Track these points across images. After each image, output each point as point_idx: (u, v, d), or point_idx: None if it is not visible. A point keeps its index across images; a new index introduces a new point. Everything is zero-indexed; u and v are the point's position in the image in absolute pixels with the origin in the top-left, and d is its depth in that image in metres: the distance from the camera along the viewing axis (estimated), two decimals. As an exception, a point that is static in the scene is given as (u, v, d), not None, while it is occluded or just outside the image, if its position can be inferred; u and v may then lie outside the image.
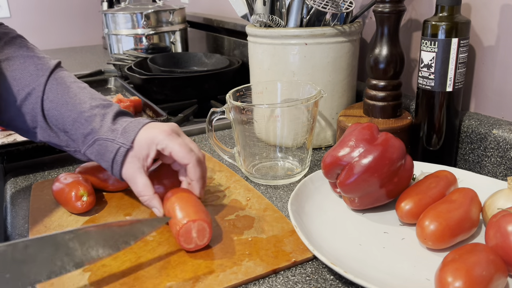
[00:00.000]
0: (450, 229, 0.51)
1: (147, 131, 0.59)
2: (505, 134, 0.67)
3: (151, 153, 0.59)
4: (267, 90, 0.78)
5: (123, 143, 0.59)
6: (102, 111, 0.62)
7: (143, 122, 0.61)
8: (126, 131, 0.60)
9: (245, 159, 0.74)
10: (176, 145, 0.58)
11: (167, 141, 0.58)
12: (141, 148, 0.58)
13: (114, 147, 0.59)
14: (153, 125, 0.60)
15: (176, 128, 0.61)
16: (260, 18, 0.81)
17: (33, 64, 0.65)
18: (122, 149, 0.59)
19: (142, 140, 0.59)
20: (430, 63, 0.68)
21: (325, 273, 0.51)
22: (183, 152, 0.58)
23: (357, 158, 0.57)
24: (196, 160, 0.59)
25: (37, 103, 0.63)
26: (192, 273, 0.51)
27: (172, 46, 1.59)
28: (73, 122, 0.62)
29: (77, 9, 2.64)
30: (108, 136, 0.60)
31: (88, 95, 0.64)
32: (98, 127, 0.61)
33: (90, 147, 0.61)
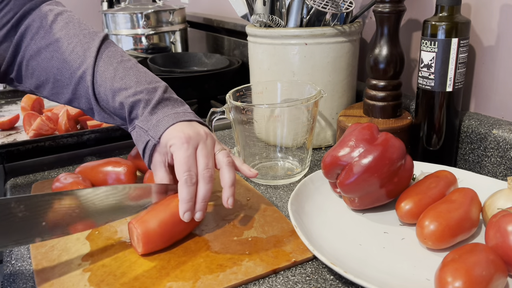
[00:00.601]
0: (450, 229, 0.51)
1: (171, 131, 0.59)
2: (505, 134, 0.67)
3: (168, 153, 0.59)
4: (267, 90, 0.78)
5: (153, 137, 0.60)
6: (146, 97, 0.62)
7: (177, 119, 0.60)
8: (158, 124, 0.60)
9: (245, 159, 0.74)
10: (179, 157, 0.57)
11: (176, 149, 0.57)
12: (162, 145, 0.59)
13: (145, 138, 0.61)
14: (180, 128, 0.59)
15: (200, 137, 0.59)
16: (260, 18, 0.81)
17: (80, 44, 0.64)
18: (150, 142, 0.60)
19: (166, 138, 0.59)
20: (430, 63, 0.68)
21: (325, 273, 0.51)
22: (179, 166, 0.56)
23: (357, 158, 0.57)
24: (184, 181, 0.55)
25: (89, 87, 0.63)
26: (192, 273, 0.51)
27: (172, 46, 1.59)
28: (120, 107, 0.62)
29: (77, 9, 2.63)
30: (144, 126, 0.61)
31: (134, 78, 0.63)
32: (140, 113, 0.62)
33: (133, 130, 0.63)
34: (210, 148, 0.60)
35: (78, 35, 0.65)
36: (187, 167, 0.56)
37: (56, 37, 0.64)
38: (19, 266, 0.55)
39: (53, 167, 0.82)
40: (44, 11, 0.65)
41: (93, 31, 0.67)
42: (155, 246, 0.54)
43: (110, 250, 0.56)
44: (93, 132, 0.88)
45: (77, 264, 0.53)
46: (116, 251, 0.56)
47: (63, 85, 0.65)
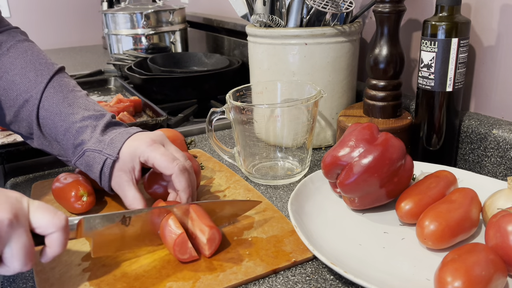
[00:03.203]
0: (450, 229, 0.51)
1: (130, 143, 0.59)
2: (505, 134, 0.67)
3: (136, 166, 0.58)
4: (267, 90, 0.78)
5: (110, 154, 0.58)
6: (94, 123, 0.61)
7: (130, 132, 0.60)
8: (112, 142, 0.59)
9: (245, 159, 0.74)
10: (158, 155, 0.57)
11: (149, 152, 0.57)
12: (126, 161, 0.58)
13: (101, 159, 0.59)
14: (138, 136, 0.59)
15: (161, 137, 0.60)
16: (260, 18, 0.81)
17: (33, 70, 0.65)
18: (108, 160, 0.58)
19: (126, 152, 0.58)
20: (430, 63, 0.68)
21: (325, 273, 0.51)
22: (165, 161, 0.56)
23: (357, 158, 0.57)
24: (180, 169, 0.56)
25: (33, 111, 0.63)
26: (192, 273, 0.51)
27: (172, 46, 1.59)
28: (64, 133, 0.62)
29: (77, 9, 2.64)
30: (96, 147, 0.59)
31: (82, 105, 0.63)
32: (88, 138, 0.60)
33: (80, 158, 0.61)
34: (173, 145, 0.61)
35: (34, 63, 0.65)
36: (171, 157, 0.57)
37: (11, 60, 0.64)
38: (19, 266, 0.55)
39: (53, 167, 0.82)
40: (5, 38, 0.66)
41: (50, 62, 0.68)
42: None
43: (110, 250, 0.56)
44: (93, 132, 0.88)
45: (77, 264, 0.53)
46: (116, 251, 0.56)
47: (6, 106, 0.64)
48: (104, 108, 0.66)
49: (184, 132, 0.95)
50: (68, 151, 0.62)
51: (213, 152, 0.86)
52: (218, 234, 0.53)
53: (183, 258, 0.52)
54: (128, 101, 1.10)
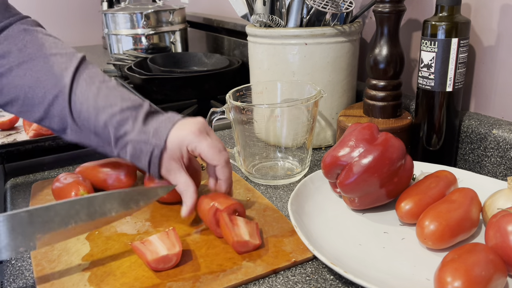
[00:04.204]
0: (450, 229, 0.51)
1: (177, 131, 0.60)
2: (505, 134, 0.67)
3: (184, 154, 0.60)
4: (267, 90, 0.78)
5: (157, 143, 0.59)
6: (134, 113, 0.61)
7: (173, 120, 0.61)
8: (157, 131, 0.60)
9: (245, 159, 0.74)
10: (206, 146, 0.59)
11: (197, 142, 0.59)
12: (175, 150, 0.59)
13: (148, 149, 0.59)
14: (183, 124, 0.60)
15: (205, 127, 0.61)
16: (260, 18, 0.81)
17: (56, 63, 0.63)
18: (156, 150, 0.59)
19: (174, 141, 0.59)
20: (430, 63, 0.68)
21: (325, 273, 0.51)
22: (213, 153, 0.59)
23: (357, 158, 0.57)
24: (225, 161, 0.60)
25: (65, 106, 0.62)
26: (192, 273, 0.51)
27: (172, 46, 1.59)
28: (104, 125, 0.61)
29: (77, 9, 2.64)
30: (141, 138, 0.60)
31: (118, 96, 0.63)
32: (130, 129, 0.60)
33: (123, 149, 0.61)
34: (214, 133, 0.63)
35: (55, 55, 0.64)
36: (218, 148, 0.59)
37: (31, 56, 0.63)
38: (19, 266, 0.55)
39: (53, 167, 0.82)
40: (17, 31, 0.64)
41: (70, 51, 0.66)
42: None
43: (110, 250, 0.56)
44: (93, 132, 0.88)
45: (77, 264, 0.53)
46: (116, 251, 0.56)
47: (34, 103, 0.63)
48: (139, 96, 0.66)
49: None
50: (109, 143, 0.62)
51: (213, 152, 0.86)
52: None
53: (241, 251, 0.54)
54: (128, 101, 1.09)
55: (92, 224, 0.52)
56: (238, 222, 0.56)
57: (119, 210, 0.54)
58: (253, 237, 0.54)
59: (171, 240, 0.53)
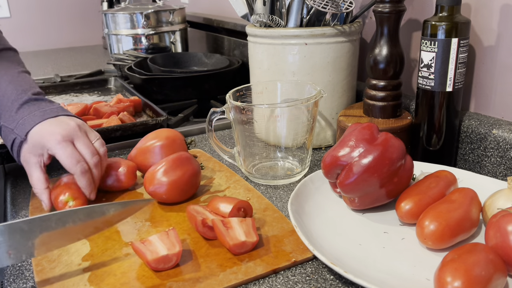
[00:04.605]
0: (450, 229, 0.51)
1: (42, 130, 0.63)
2: (505, 134, 0.67)
3: (45, 154, 0.63)
4: (267, 90, 0.78)
5: (19, 134, 0.63)
6: (13, 97, 0.65)
7: (43, 116, 0.64)
8: (24, 123, 0.63)
9: (245, 159, 0.74)
10: (64, 155, 0.62)
11: (56, 149, 0.62)
12: (35, 147, 0.63)
13: (11, 137, 0.64)
14: (50, 124, 0.63)
15: (72, 132, 0.64)
16: (260, 18, 0.81)
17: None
18: (17, 140, 0.64)
19: (35, 140, 0.63)
20: (430, 63, 0.68)
21: (325, 273, 0.51)
22: (69, 163, 0.62)
23: (357, 158, 0.57)
24: (81, 172, 0.62)
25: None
26: (192, 273, 0.51)
27: (172, 46, 1.59)
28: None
29: (77, 9, 2.63)
30: (9, 124, 0.64)
31: (7, 80, 0.67)
32: (5, 112, 0.65)
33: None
34: (86, 138, 0.65)
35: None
36: (75, 159, 0.62)
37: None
38: (19, 266, 0.55)
39: (53, 167, 0.82)
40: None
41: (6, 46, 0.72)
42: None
43: (110, 250, 0.56)
44: (93, 132, 0.88)
45: (77, 264, 0.53)
46: (116, 251, 0.56)
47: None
48: (34, 85, 0.69)
49: (184, 132, 0.95)
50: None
51: (213, 152, 0.86)
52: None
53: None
54: (128, 101, 1.10)
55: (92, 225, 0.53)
56: (232, 224, 0.55)
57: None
58: (249, 235, 0.54)
59: (171, 240, 0.53)
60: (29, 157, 0.64)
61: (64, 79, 1.51)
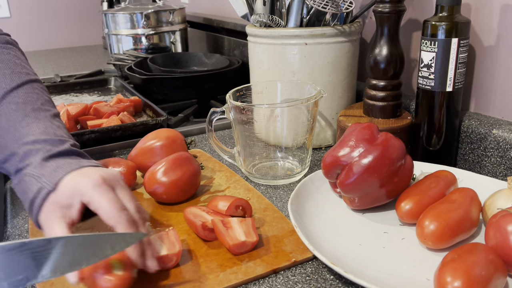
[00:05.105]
0: (450, 229, 0.51)
1: (75, 178, 0.50)
2: (505, 134, 0.67)
3: (75, 204, 0.49)
4: (267, 90, 0.78)
5: (47, 182, 0.50)
6: (48, 147, 0.53)
7: (80, 165, 0.52)
8: (56, 170, 0.50)
9: (245, 159, 0.74)
10: (103, 201, 0.48)
11: (94, 194, 0.48)
12: (64, 195, 0.49)
13: (36, 186, 0.50)
14: (86, 172, 0.50)
15: (112, 179, 0.51)
16: (260, 18, 0.81)
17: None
18: (44, 190, 0.49)
19: (67, 186, 0.49)
20: (430, 63, 0.68)
21: (325, 273, 0.51)
22: (111, 210, 0.47)
23: (357, 158, 0.57)
24: (127, 222, 0.48)
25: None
26: (192, 273, 0.51)
27: (172, 46, 1.59)
28: (11, 154, 0.53)
29: (77, 9, 2.64)
30: (36, 172, 0.51)
31: (42, 127, 0.55)
32: (33, 162, 0.52)
33: (19, 183, 0.52)
34: (127, 188, 0.52)
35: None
36: (119, 206, 0.48)
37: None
38: (19, 266, 0.55)
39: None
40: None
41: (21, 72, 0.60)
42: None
43: (110, 250, 0.56)
44: (93, 132, 0.88)
45: (77, 264, 0.53)
46: (116, 251, 0.55)
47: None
48: (69, 135, 0.58)
49: (184, 132, 0.95)
50: (12, 173, 0.54)
51: (213, 152, 0.86)
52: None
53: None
54: (128, 101, 1.10)
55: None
56: (232, 224, 0.55)
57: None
58: (249, 235, 0.54)
59: (171, 240, 0.53)
60: (53, 209, 0.49)
61: (64, 79, 1.51)
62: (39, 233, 0.60)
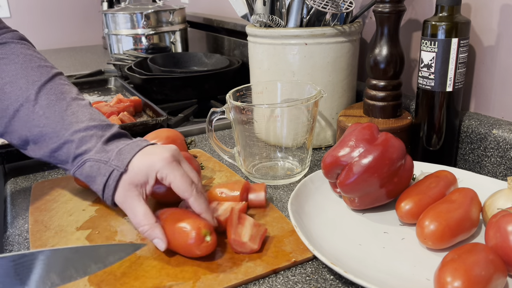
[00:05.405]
0: (450, 229, 0.51)
1: (145, 157, 0.55)
2: (505, 134, 0.67)
3: (150, 181, 0.54)
4: (267, 90, 0.78)
5: (117, 165, 0.54)
6: (100, 133, 0.58)
7: (141, 145, 0.57)
8: (121, 153, 0.55)
9: (245, 159, 0.74)
10: (178, 176, 0.53)
11: (168, 170, 0.53)
12: (139, 174, 0.54)
13: (107, 170, 0.54)
14: (152, 150, 0.56)
15: (177, 154, 0.56)
16: (260, 18, 0.81)
17: (25, 77, 0.60)
18: (115, 172, 0.54)
19: (139, 166, 0.54)
20: (430, 63, 0.68)
21: (325, 273, 0.51)
22: (184, 185, 0.53)
23: (357, 158, 0.57)
24: (197, 193, 0.54)
25: (28, 120, 0.59)
26: (192, 273, 0.51)
27: (172, 46, 1.59)
28: (65, 141, 0.57)
29: (77, 9, 2.64)
30: (101, 157, 0.55)
31: (87, 114, 0.60)
32: (92, 147, 0.56)
33: (79, 168, 0.56)
34: (187, 162, 0.57)
35: (26, 68, 0.61)
36: (190, 181, 0.54)
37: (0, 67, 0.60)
38: (19, 266, 0.55)
39: (53, 167, 0.82)
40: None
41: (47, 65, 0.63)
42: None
43: (110, 250, 0.56)
44: (93, 132, 0.88)
45: (77, 264, 0.53)
46: (116, 251, 0.55)
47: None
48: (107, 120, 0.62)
49: (184, 132, 0.95)
50: (67, 160, 0.58)
51: (213, 152, 0.86)
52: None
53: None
54: (128, 101, 1.10)
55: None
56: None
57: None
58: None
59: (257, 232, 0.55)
60: (129, 189, 0.54)
61: (64, 79, 1.51)
62: (39, 233, 0.60)
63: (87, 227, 0.61)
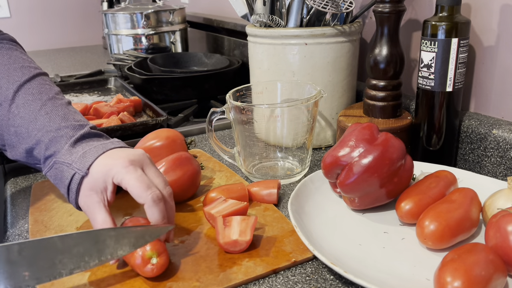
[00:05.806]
0: (450, 229, 0.51)
1: (106, 160, 0.53)
2: (505, 134, 0.68)
3: (109, 186, 0.52)
4: (267, 90, 0.78)
5: (79, 168, 0.53)
6: (71, 133, 0.56)
7: (106, 148, 0.55)
8: (85, 155, 0.54)
9: (245, 159, 0.74)
10: (132, 179, 0.50)
11: (123, 174, 0.51)
12: (98, 180, 0.52)
13: (69, 173, 0.53)
14: (114, 153, 0.54)
15: (140, 157, 0.54)
16: (260, 18, 0.81)
17: (6, 76, 0.60)
18: (77, 175, 0.53)
19: (98, 170, 0.52)
20: (430, 63, 0.68)
21: (325, 273, 0.51)
22: (138, 190, 0.50)
23: (357, 158, 0.57)
24: (153, 200, 0.50)
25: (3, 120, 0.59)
26: (192, 273, 0.51)
27: (172, 46, 1.59)
28: (36, 142, 0.57)
29: (77, 9, 2.64)
30: (66, 159, 0.54)
31: (61, 114, 0.58)
32: (60, 149, 0.55)
33: (49, 170, 0.56)
34: (156, 168, 0.55)
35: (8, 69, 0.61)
36: (146, 185, 0.51)
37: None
38: (19, 266, 0.55)
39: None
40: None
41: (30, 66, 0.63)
42: None
43: (110, 250, 0.56)
44: (93, 132, 0.88)
45: (77, 264, 0.53)
46: (116, 251, 0.55)
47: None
48: (85, 119, 0.61)
49: (184, 132, 0.95)
50: (40, 162, 0.58)
51: (213, 152, 0.86)
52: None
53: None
54: (128, 101, 1.10)
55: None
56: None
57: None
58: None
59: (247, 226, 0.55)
60: (89, 194, 0.52)
61: (64, 79, 1.51)
62: (39, 233, 0.60)
63: (87, 227, 0.61)
